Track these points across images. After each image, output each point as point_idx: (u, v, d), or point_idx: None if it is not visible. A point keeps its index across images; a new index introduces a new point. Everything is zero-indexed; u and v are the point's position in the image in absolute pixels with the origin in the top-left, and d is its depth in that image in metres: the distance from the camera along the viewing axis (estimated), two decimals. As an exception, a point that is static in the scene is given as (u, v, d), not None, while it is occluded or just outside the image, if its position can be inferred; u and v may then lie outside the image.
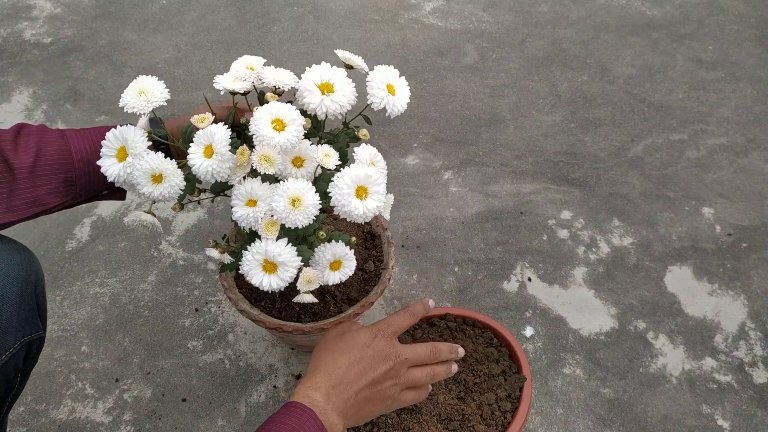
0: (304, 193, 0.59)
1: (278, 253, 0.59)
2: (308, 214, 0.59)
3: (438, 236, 1.19)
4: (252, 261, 0.60)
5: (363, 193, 0.60)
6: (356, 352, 0.65)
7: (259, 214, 0.59)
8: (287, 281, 0.60)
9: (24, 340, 0.64)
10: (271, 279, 0.60)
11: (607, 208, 1.25)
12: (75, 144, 0.68)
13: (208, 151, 0.60)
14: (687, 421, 0.95)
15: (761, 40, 1.67)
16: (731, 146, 1.38)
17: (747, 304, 1.10)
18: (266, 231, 0.60)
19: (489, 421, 0.82)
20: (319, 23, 1.69)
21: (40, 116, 1.44)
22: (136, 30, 1.68)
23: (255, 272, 0.60)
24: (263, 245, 0.60)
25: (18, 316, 0.62)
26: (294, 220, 0.59)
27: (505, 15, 1.75)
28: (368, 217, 0.61)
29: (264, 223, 0.60)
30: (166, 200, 0.62)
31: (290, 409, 0.59)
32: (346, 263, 0.67)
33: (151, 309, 1.08)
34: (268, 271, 0.60)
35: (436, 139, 1.38)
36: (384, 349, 0.66)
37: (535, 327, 1.06)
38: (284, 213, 0.58)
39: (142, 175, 0.60)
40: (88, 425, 0.94)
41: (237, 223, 0.62)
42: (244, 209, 0.60)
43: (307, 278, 0.64)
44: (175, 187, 0.61)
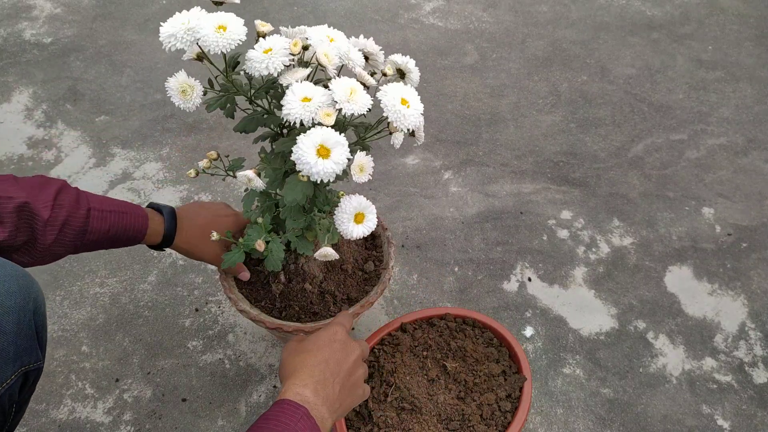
0: (357, 87, 0.66)
1: (335, 135, 0.64)
2: (362, 104, 0.65)
3: (438, 236, 1.19)
4: (308, 143, 0.63)
5: (406, 103, 0.67)
6: (326, 348, 0.68)
7: (317, 104, 0.65)
8: (341, 165, 0.63)
9: (21, 371, 0.62)
10: (325, 162, 0.63)
11: (607, 208, 1.25)
12: (95, 225, 0.72)
13: (266, 52, 0.66)
14: (687, 421, 0.95)
15: (761, 40, 1.67)
16: (731, 146, 1.38)
17: (747, 304, 1.10)
18: (324, 118, 0.64)
19: (489, 421, 0.82)
20: (319, 23, 1.69)
21: (40, 116, 1.44)
22: (136, 30, 1.68)
23: (310, 154, 0.63)
24: (320, 130, 0.64)
25: (15, 345, 0.60)
26: (351, 107, 0.65)
27: (505, 15, 1.75)
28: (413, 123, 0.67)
29: (322, 112, 0.65)
30: (226, 48, 0.64)
31: (283, 407, 0.59)
32: (369, 216, 0.70)
33: (151, 309, 1.08)
34: (323, 156, 0.63)
35: (436, 139, 1.38)
36: (346, 340, 0.70)
37: (535, 327, 1.06)
38: (344, 99, 0.65)
39: (208, 22, 0.64)
40: (88, 425, 0.94)
41: (288, 117, 0.65)
42: (300, 103, 0.65)
43: (360, 165, 0.67)
44: (237, 35, 0.65)
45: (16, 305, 0.60)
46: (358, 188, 1.27)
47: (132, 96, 1.49)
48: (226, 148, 1.36)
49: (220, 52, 0.65)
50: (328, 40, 0.69)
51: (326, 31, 0.70)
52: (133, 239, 0.76)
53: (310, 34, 0.69)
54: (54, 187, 0.69)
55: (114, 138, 1.39)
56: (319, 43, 0.68)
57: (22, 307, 0.60)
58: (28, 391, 0.66)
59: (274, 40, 0.67)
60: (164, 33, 0.65)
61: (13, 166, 1.32)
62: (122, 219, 0.74)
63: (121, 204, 0.76)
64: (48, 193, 0.68)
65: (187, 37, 0.64)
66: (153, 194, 1.27)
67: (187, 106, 0.69)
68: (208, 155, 0.77)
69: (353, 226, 0.70)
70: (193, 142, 1.38)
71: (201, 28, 0.64)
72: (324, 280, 0.90)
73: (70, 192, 0.71)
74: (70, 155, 1.35)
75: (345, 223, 0.69)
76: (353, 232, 0.70)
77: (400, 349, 0.88)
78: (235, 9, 0.71)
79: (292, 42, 0.67)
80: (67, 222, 0.69)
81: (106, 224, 0.72)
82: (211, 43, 0.64)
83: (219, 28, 0.65)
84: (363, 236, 0.70)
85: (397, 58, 0.73)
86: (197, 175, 0.78)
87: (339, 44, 0.69)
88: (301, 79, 0.67)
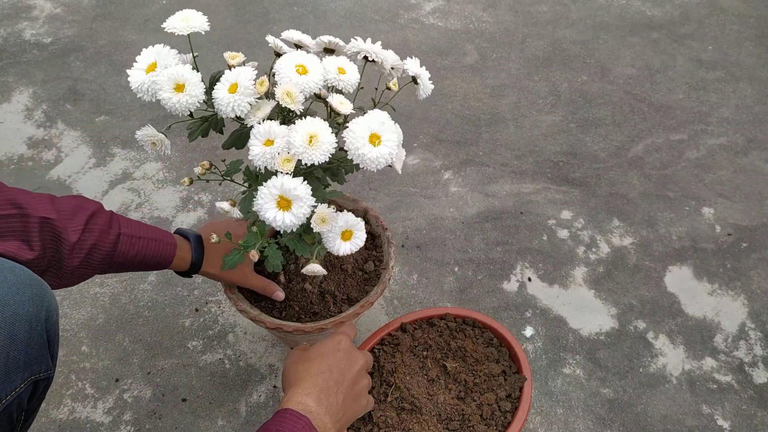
0: (320, 130, 0.61)
1: (294, 187, 0.60)
2: (324, 151, 0.61)
3: (438, 236, 1.19)
4: (267, 195, 0.61)
5: (376, 140, 0.62)
6: (329, 357, 0.67)
7: (276, 150, 0.62)
8: (302, 218, 0.61)
9: (31, 379, 0.61)
10: (285, 216, 0.61)
11: (607, 208, 1.25)
12: (123, 249, 0.73)
13: (232, 88, 0.64)
14: (687, 421, 0.95)
15: (761, 40, 1.67)
16: (731, 146, 1.38)
17: (747, 304, 1.10)
18: (282, 166, 0.61)
19: (489, 421, 0.82)
20: (319, 23, 1.69)
21: (40, 116, 1.44)
22: (136, 30, 1.68)
23: (269, 207, 0.60)
24: (279, 179, 0.61)
25: (26, 354, 0.59)
26: (311, 156, 0.61)
27: (505, 15, 1.75)
28: (380, 164, 0.62)
29: (281, 158, 0.62)
30: (184, 111, 0.64)
31: (284, 416, 0.59)
32: (357, 233, 0.69)
33: (151, 309, 1.08)
34: (283, 208, 0.61)
35: (436, 139, 1.38)
36: (351, 350, 0.69)
37: (535, 327, 1.06)
38: (301, 148, 0.60)
39: (166, 82, 0.63)
40: (88, 425, 0.94)
41: (252, 162, 0.63)
42: (262, 147, 0.62)
43: (321, 216, 0.64)
44: (195, 97, 0.63)
45: (29, 313, 0.59)
46: (357, 189, 1.27)
47: (132, 96, 1.49)
48: (224, 151, 1.35)
49: (179, 115, 0.65)
50: (297, 73, 0.65)
51: (298, 60, 0.66)
52: (160, 265, 0.77)
53: (277, 69, 0.65)
54: (88, 211, 0.70)
55: (114, 138, 1.39)
56: (284, 79, 0.64)
57: (34, 316, 0.60)
58: (38, 400, 0.66)
59: (239, 74, 0.64)
60: (133, 84, 0.66)
61: (13, 166, 1.32)
62: (150, 245, 0.74)
63: (152, 230, 0.76)
64: (80, 218, 0.69)
65: (151, 92, 0.65)
66: (153, 194, 1.27)
67: (160, 154, 0.72)
68: (201, 165, 0.77)
69: (340, 243, 0.68)
70: (193, 143, 1.38)
71: (160, 89, 0.64)
72: (324, 280, 0.90)
73: (103, 216, 0.71)
74: (70, 155, 1.35)
75: (332, 241, 0.68)
76: (340, 249, 0.68)
77: (400, 349, 0.88)
78: (235, 10, 0.70)
79: (258, 81, 0.65)
80: (96, 246, 0.69)
81: (134, 249, 0.73)
82: (170, 107, 0.64)
83: (176, 88, 0.64)
84: (351, 252, 0.69)
85: (411, 66, 0.71)
86: (191, 183, 0.78)
87: (310, 77, 0.65)
88: (262, 118, 0.65)
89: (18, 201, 0.65)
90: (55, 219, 0.66)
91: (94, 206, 0.72)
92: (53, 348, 0.65)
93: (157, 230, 0.77)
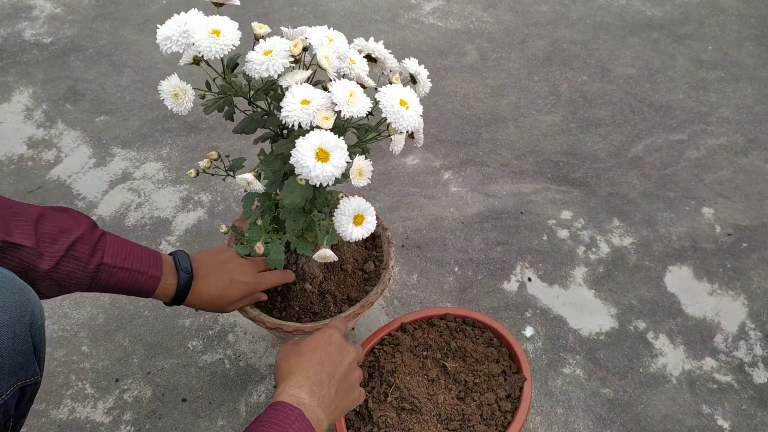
0: (357, 90, 0.66)
1: (334, 138, 0.64)
2: (361, 107, 0.65)
3: (438, 236, 1.19)
4: (307, 146, 0.63)
5: (405, 105, 0.68)
6: (321, 350, 0.67)
7: (315, 107, 0.65)
8: (340, 168, 0.63)
9: (17, 386, 0.60)
10: (324, 166, 0.63)
11: (607, 208, 1.25)
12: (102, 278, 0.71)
13: (266, 54, 0.67)
14: (687, 421, 0.95)
15: (761, 40, 1.67)
16: (731, 146, 1.38)
17: (747, 304, 1.10)
18: (322, 122, 0.64)
19: (489, 421, 0.82)
20: (318, 23, 1.69)
21: (40, 116, 1.44)
22: (136, 30, 1.68)
23: (309, 157, 0.63)
24: (318, 133, 0.64)
25: (11, 360, 0.59)
26: (351, 109, 0.65)
27: (505, 15, 1.75)
28: (411, 124, 0.67)
29: (320, 115, 0.65)
30: (219, 53, 0.64)
31: (277, 409, 0.59)
32: (368, 218, 0.70)
33: (151, 309, 1.08)
34: (321, 160, 0.63)
35: (436, 139, 1.38)
36: (342, 343, 0.70)
37: (535, 327, 1.06)
38: (343, 101, 0.65)
39: (202, 26, 0.64)
40: (88, 425, 0.94)
41: (286, 119, 0.65)
42: (299, 105, 0.65)
43: (359, 169, 0.67)
44: (231, 40, 0.65)
45: (11, 320, 0.58)
46: (357, 189, 1.27)
47: (132, 96, 1.49)
48: (226, 148, 1.36)
49: (214, 58, 0.64)
50: (328, 41, 0.69)
51: (325, 32, 0.70)
52: (141, 295, 0.74)
53: (310, 35, 0.69)
54: (73, 236, 0.67)
55: (114, 138, 1.39)
56: (319, 45, 0.68)
57: (17, 321, 0.59)
58: (25, 405, 0.65)
59: (275, 42, 0.67)
60: (161, 35, 0.65)
61: (13, 166, 1.32)
62: (131, 277, 0.72)
63: (139, 260, 0.72)
64: (62, 243, 0.66)
65: (182, 40, 0.64)
66: (153, 194, 1.27)
67: (179, 110, 0.69)
68: (208, 155, 0.77)
69: (352, 228, 0.70)
70: (193, 142, 1.38)
71: (195, 32, 0.64)
72: (324, 280, 0.90)
73: (87, 242, 0.68)
74: (70, 155, 1.35)
75: (344, 225, 0.69)
76: (353, 234, 0.70)
77: (400, 349, 0.88)
78: (235, 10, 0.71)
79: (293, 43, 0.67)
80: (71, 274, 0.68)
81: (113, 279, 0.71)
82: (204, 48, 0.63)
83: (213, 32, 0.64)
84: (362, 238, 0.70)
85: (410, 64, 0.72)
86: (197, 175, 0.78)
87: (338, 45, 0.69)
88: (301, 81, 0.67)
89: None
90: (29, 246, 0.64)
91: (82, 229, 0.68)
92: (40, 353, 0.65)
93: (144, 260, 0.73)
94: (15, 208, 0.65)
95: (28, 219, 0.65)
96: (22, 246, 0.64)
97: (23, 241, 0.64)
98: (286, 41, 0.68)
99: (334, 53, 0.68)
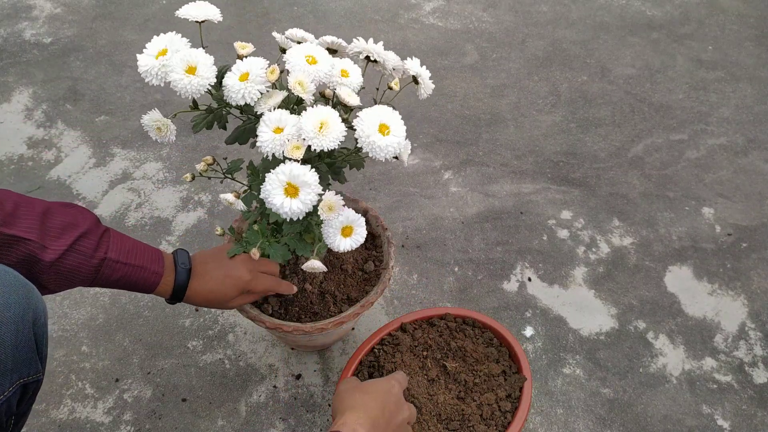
0: (331, 117, 0.63)
1: (302, 173, 0.61)
2: (333, 138, 0.62)
3: (438, 236, 1.19)
4: (275, 182, 0.61)
5: (385, 130, 0.64)
6: (383, 396, 0.69)
7: (286, 137, 0.62)
8: (309, 205, 0.61)
9: (19, 383, 0.61)
10: (292, 203, 0.61)
11: (607, 208, 1.25)
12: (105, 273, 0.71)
13: (243, 77, 0.65)
14: (687, 421, 0.95)
15: (761, 40, 1.67)
16: (731, 146, 1.38)
17: (747, 304, 1.10)
18: (292, 153, 0.62)
19: (489, 421, 0.82)
20: (319, 23, 1.69)
21: (40, 116, 1.44)
22: (136, 30, 1.68)
23: (276, 193, 0.61)
24: (288, 166, 0.61)
25: (13, 357, 0.59)
26: (321, 142, 0.62)
27: (505, 15, 1.75)
28: (389, 153, 0.64)
29: (290, 146, 0.62)
30: (195, 93, 0.64)
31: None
32: (358, 230, 0.69)
33: (151, 309, 1.08)
34: (290, 195, 0.61)
35: (436, 139, 1.38)
36: (401, 398, 0.72)
37: (535, 327, 1.06)
38: (312, 134, 0.61)
39: (178, 64, 0.63)
40: (88, 425, 0.94)
41: (261, 149, 0.63)
42: (271, 134, 0.63)
43: (329, 204, 0.65)
44: (207, 79, 0.64)
45: (15, 316, 0.59)
46: (357, 189, 1.27)
47: (132, 96, 1.49)
48: (225, 149, 1.36)
49: (189, 97, 0.64)
50: (307, 64, 0.66)
51: (308, 51, 0.67)
52: (144, 291, 0.75)
53: (288, 58, 0.66)
54: (78, 231, 0.68)
55: (114, 138, 1.39)
56: (296, 69, 0.66)
57: (21, 318, 0.60)
58: (27, 403, 0.66)
59: (251, 64, 0.66)
60: (141, 66, 0.65)
61: (13, 166, 1.32)
62: (134, 272, 0.72)
63: (142, 256, 0.73)
64: (67, 238, 0.67)
65: (161, 75, 0.65)
66: (153, 194, 1.27)
67: (164, 141, 0.71)
68: (204, 160, 0.77)
69: (341, 240, 0.68)
70: (193, 142, 1.38)
71: (171, 72, 0.63)
72: (324, 280, 0.90)
73: (92, 237, 0.69)
74: (70, 155, 1.35)
75: (332, 237, 0.68)
76: (341, 246, 0.68)
77: (400, 349, 0.88)
78: (235, 10, 0.71)
79: (269, 70, 0.65)
80: (76, 268, 0.68)
81: (116, 274, 0.71)
82: (180, 88, 0.63)
83: (189, 69, 0.64)
84: (351, 249, 0.69)
85: (412, 65, 0.71)
86: (193, 179, 0.78)
87: (319, 66, 0.66)
88: (274, 106, 0.65)
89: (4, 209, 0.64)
90: (32, 239, 0.65)
91: (87, 224, 0.69)
92: (42, 350, 0.65)
93: (146, 257, 0.74)
94: (23, 202, 0.66)
95: (34, 213, 0.66)
96: (26, 239, 0.64)
97: (27, 235, 0.65)
98: (264, 63, 0.66)
99: (310, 76, 0.65)
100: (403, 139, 0.65)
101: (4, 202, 0.65)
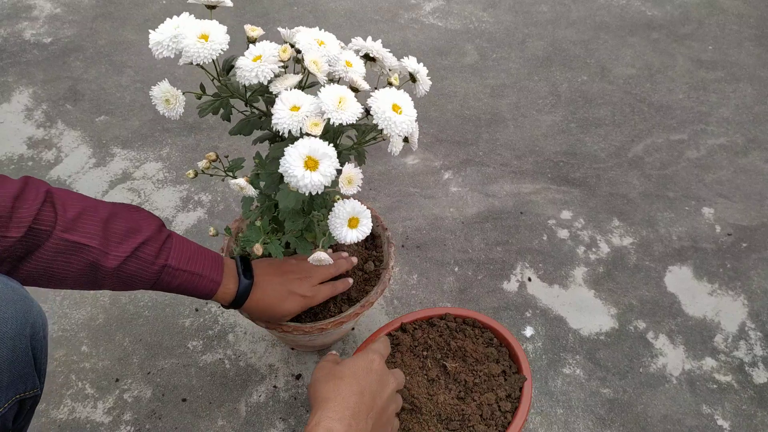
0: (348, 95, 0.65)
1: (322, 146, 0.63)
2: (352, 113, 0.64)
3: (438, 236, 1.19)
4: (295, 155, 0.62)
5: (398, 109, 0.66)
6: (362, 379, 0.66)
7: (304, 113, 0.64)
8: (329, 177, 0.62)
9: (16, 399, 0.60)
10: (312, 175, 0.62)
11: (607, 208, 1.25)
12: (165, 279, 0.71)
13: (256, 59, 0.66)
14: (687, 421, 0.95)
15: (761, 40, 1.67)
16: (731, 146, 1.38)
17: (747, 304, 1.10)
18: (311, 128, 0.64)
19: (489, 421, 0.82)
20: (319, 23, 1.69)
21: (40, 116, 1.44)
22: (136, 30, 1.68)
23: (297, 165, 0.62)
24: (307, 140, 0.63)
25: (9, 373, 0.58)
26: (341, 116, 0.63)
27: (505, 15, 1.75)
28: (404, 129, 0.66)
29: (309, 122, 0.64)
30: (207, 58, 0.64)
31: None
32: (364, 221, 0.70)
33: (151, 309, 1.08)
34: (310, 168, 0.62)
35: (436, 139, 1.38)
36: (383, 371, 0.68)
37: (535, 327, 1.06)
38: (332, 107, 0.63)
39: (191, 30, 0.64)
40: (88, 425, 0.94)
41: (276, 126, 0.64)
42: (288, 111, 0.65)
43: (348, 177, 0.66)
44: (220, 44, 0.64)
45: (12, 332, 0.58)
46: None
47: (132, 96, 1.49)
48: (226, 148, 1.36)
49: (204, 62, 0.64)
50: (317, 45, 0.68)
51: (316, 35, 0.69)
52: (200, 297, 0.75)
53: (299, 39, 0.68)
54: (141, 237, 0.68)
55: (114, 138, 1.39)
56: (308, 49, 0.67)
57: (18, 334, 0.59)
58: (24, 419, 0.64)
59: (264, 46, 0.67)
60: (153, 41, 0.65)
61: (13, 166, 1.32)
62: (192, 279, 0.72)
63: (201, 263, 0.72)
64: (130, 244, 0.67)
65: (172, 45, 0.64)
66: (153, 194, 1.27)
67: (171, 115, 0.69)
68: (207, 156, 0.77)
69: (347, 231, 0.69)
70: (193, 142, 1.38)
71: (183, 38, 0.64)
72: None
73: (155, 243, 0.69)
74: (70, 155, 1.35)
75: (338, 228, 0.69)
76: (347, 237, 0.69)
77: (400, 349, 0.88)
78: (234, 11, 0.71)
79: (281, 48, 0.66)
80: (135, 275, 0.68)
81: (175, 281, 0.71)
82: (192, 53, 0.63)
83: (201, 37, 0.64)
84: (358, 241, 0.70)
85: (409, 63, 0.72)
86: (196, 176, 0.78)
87: (329, 48, 0.68)
88: (290, 86, 0.66)
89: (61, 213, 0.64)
90: (94, 246, 0.65)
91: (151, 230, 0.69)
92: (40, 365, 0.64)
93: (206, 264, 0.73)
94: (88, 208, 0.66)
95: (97, 218, 0.66)
96: (87, 246, 0.64)
97: (89, 241, 0.65)
98: (276, 46, 0.67)
99: (324, 57, 0.67)
100: (414, 119, 0.68)
101: (67, 207, 0.65)
